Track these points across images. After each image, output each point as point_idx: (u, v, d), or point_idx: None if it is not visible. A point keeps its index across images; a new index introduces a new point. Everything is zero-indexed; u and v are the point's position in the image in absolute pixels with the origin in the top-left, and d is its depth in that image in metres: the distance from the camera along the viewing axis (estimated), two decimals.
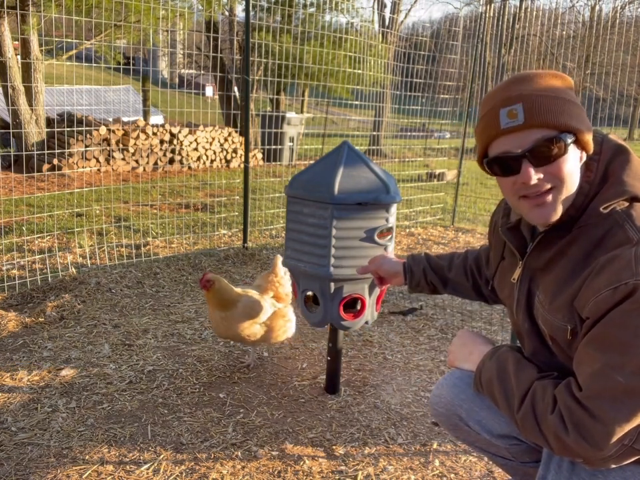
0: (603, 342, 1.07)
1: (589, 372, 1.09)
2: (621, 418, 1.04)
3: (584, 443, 1.07)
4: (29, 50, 8.83)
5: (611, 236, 1.12)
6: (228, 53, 16.88)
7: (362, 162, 2.31)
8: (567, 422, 1.09)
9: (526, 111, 1.10)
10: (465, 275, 1.71)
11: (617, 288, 1.04)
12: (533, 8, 7.67)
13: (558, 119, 1.11)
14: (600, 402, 1.06)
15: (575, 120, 1.12)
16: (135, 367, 2.81)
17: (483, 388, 1.34)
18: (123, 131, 9.15)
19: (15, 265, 4.24)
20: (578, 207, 1.17)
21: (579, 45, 7.93)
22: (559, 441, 1.11)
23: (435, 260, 1.76)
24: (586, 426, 1.07)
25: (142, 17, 8.09)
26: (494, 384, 1.28)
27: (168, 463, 2.08)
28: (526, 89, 1.12)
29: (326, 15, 11.37)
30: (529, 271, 1.30)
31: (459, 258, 1.74)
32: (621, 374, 1.04)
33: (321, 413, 2.47)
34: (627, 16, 19.67)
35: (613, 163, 1.18)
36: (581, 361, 1.13)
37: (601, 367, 1.06)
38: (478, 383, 1.35)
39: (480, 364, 1.36)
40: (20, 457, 2.08)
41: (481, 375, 1.34)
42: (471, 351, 1.42)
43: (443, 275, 1.74)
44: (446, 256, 1.78)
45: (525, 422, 1.18)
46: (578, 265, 1.15)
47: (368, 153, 8.42)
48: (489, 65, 8.44)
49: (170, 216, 6.17)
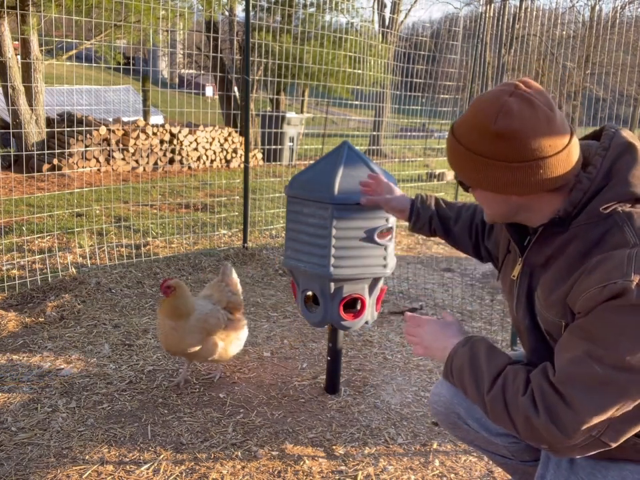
0: (587, 332, 1.09)
1: (569, 357, 1.10)
2: (592, 408, 1.05)
3: (553, 428, 1.07)
4: (29, 50, 8.82)
5: (609, 237, 1.12)
6: (228, 53, 16.87)
7: (362, 162, 2.31)
8: (539, 404, 1.09)
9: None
10: (468, 232, 1.71)
11: (605, 286, 1.05)
12: (532, 8, 7.67)
13: (457, 173, 1.26)
14: (573, 388, 1.07)
15: (468, 177, 1.22)
16: (134, 367, 2.82)
17: (452, 376, 1.31)
18: (122, 131, 9.14)
19: (15, 265, 4.24)
20: (576, 203, 1.16)
21: (578, 44, 7.94)
22: (528, 423, 1.11)
23: (443, 209, 1.77)
24: (558, 411, 1.07)
25: (142, 17, 8.08)
26: (464, 370, 1.26)
27: (168, 463, 2.08)
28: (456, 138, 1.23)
29: (326, 15, 11.37)
30: (529, 267, 1.30)
31: (467, 211, 1.73)
32: (600, 365, 1.05)
33: (321, 413, 2.47)
34: (627, 16, 19.63)
35: (619, 161, 1.16)
36: (562, 346, 1.14)
37: (581, 354, 1.08)
38: (448, 370, 1.32)
39: (452, 351, 1.32)
40: (20, 456, 2.08)
41: (452, 363, 1.31)
42: (444, 346, 1.35)
43: (447, 226, 1.75)
44: (454, 206, 1.77)
45: (493, 404, 1.17)
46: (574, 263, 1.15)
47: (368, 153, 8.42)
48: (489, 64, 8.45)
49: (170, 216, 6.17)
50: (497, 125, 1.10)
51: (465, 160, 1.18)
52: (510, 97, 1.11)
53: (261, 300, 3.87)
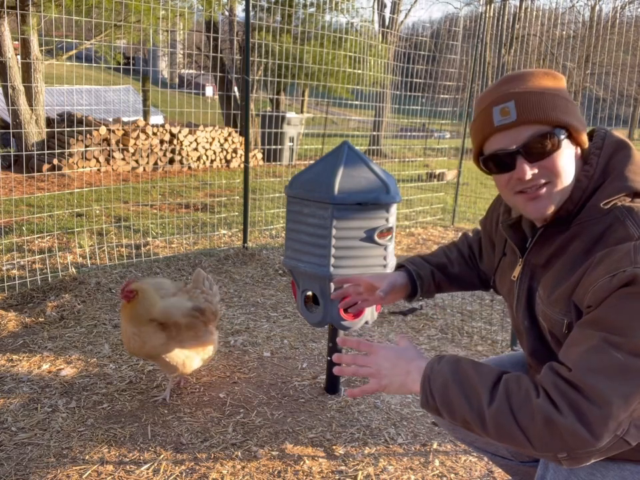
0: (600, 323, 1.04)
1: (584, 349, 1.03)
2: (617, 399, 0.97)
3: (581, 429, 0.97)
4: (29, 50, 8.83)
5: (612, 232, 1.11)
6: (228, 53, 16.88)
7: (362, 162, 2.31)
8: (560, 404, 0.99)
9: (518, 108, 1.12)
10: (468, 267, 1.64)
11: (614, 275, 1.03)
12: (532, 8, 7.68)
13: (550, 114, 1.13)
14: (594, 379, 0.99)
15: (567, 115, 1.15)
16: (134, 367, 2.82)
17: (434, 398, 1.13)
18: (122, 131, 9.15)
19: (14, 265, 4.24)
20: (576, 202, 1.16)
21: (579, 44, 7.94)
22: (548, 428, 0.99)
23: (435, 259, 1.68)
24: (582, 409, 0.98)
25: (142, 17, 8.09)
26: (449, 387, 1.11)
27: (168, 463, 2.08)
28: (518, 87, 1.15)
29: (326, 15, 11.37)
30: (530, 268, 1.29)
31: (453, 252, 1.67)
32: (619, 352, 0.99)
33: (321, 413, 2.47)
34: (627, 16, 19.65)
35: (614, 158, 1.18)
36: (573, 341, 1.07)
37: (598, 343, 1.01)
38: (427, 394, 1.13)
39: (426, 371, 1.15)
40: (20, 456, 2.08)
41: (430, 384, 1.13)
42: (407, 370, 1.18)
43: (448, 272, 1.64)
44: (439, 253, 1.69)
45: (498, 417, 1.04)
46: (577, 260, 1.15)
47: (368, 153, 8.43)
48: (489, 64, 8.45)
49: (170, 216, 6.17)
50: (551, 72, 1.17)
51: (555, 103, 1.15)
52: None
53: (260, 300, 3.87)
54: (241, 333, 3.30)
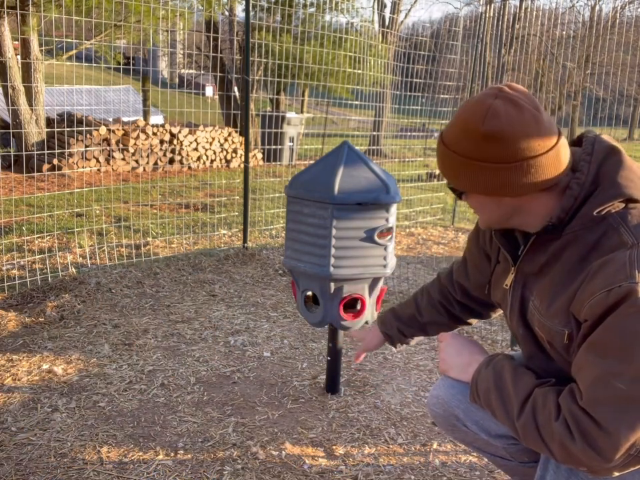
0: (601, 348, 1.06)
1: (590, 379, 1.07)
2: (625, 428, 1.02)
3: (592, 452, 1.05)
4: (29, 50, 8.82)
5: (606, 239, 1.11)
6: (228, 53, 16.88)
7: (362, 162, 2.31)
8: (574, 431, 1.06)
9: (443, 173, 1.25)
10: (437, 313, 1.71)
11: (610, 290, 1.03)
12: (533, 8, 7.66)
13: (449, 180, 1.24)
14: (602, 410, 1.04)
15: (460, 183, 1.20)
16: (134, 367, 2.82)
17: (480, 398, 1.29)
18: (122, 131, 9.14)
19: (14, 265, 4.24)
20: (567, 210, 1.15)
21: (578, 44, 7.93)
22: (564, 449, 1.08)
23: (403, 314, 1.78)
24: (593, 436, 1.04)
25: (142, 17, 8.09)
26: (491, 393, 1.24)
27: (168, 463, 2.08)
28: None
29: (326, 15, 11.37)
30: (522, 276, 1.29)
31: (423, 299, 1.74)
32: (621, 381, 1.02)
33: (321, 413, 2.47)
34: (627, 16, 19.66)
35: (605, 165, 1.16)
36: (580, 367, 1.11)
37: (601, 373, 1.05)
38: (475, 393, 1.31)
39: (475, 373, 1.31)
40: (20, 457, 2.08)
41: (477, 385, 1.30)
42: (468, 362, 1.36)
43: (417, 323, 1.74)
44: (410, 302, 1.78)
45: (526, 430, 1.15)
46: (573, 269, 1.15)
47: (368, 153, 8.42)
48: (489, 64, 8.44)
49: (170, 216, 6.17)
50: (484, 126, 1.10)
51: (456, 165, 1.17)
52: (495, 100, 1.11)
53: (260, 300, 3.87)
54: (241, 332, 3.30)
